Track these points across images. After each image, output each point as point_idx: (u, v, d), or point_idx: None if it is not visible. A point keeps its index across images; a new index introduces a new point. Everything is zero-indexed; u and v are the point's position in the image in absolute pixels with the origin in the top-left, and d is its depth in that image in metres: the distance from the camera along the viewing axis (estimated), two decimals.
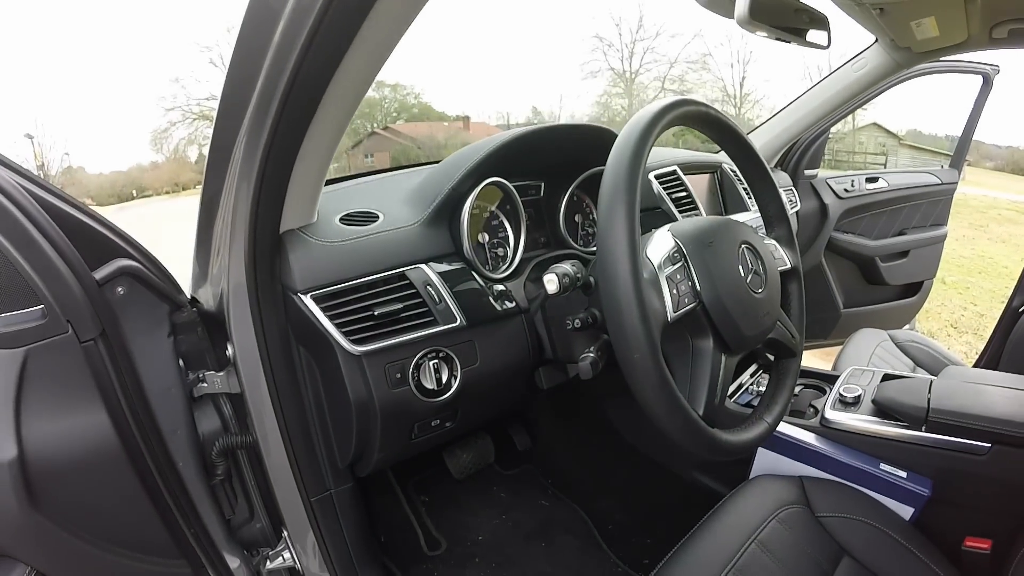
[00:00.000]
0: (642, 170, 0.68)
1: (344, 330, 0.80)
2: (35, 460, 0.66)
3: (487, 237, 1.03)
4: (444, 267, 0.92)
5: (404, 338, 0.84)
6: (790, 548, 0.85)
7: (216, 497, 0.90)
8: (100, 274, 0.71)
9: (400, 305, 0.84)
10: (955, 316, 4.55)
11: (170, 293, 0.80)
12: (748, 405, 1.27)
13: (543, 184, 1.13)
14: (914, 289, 2.37)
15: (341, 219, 0.90)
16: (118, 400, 0.72)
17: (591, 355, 0.73)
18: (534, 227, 1.11)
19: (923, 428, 0.93)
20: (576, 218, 1.19)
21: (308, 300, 0.79)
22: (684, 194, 1.31)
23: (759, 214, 1.38)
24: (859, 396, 1.05)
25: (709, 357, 0.72)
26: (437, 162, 1.12)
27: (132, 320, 0.76)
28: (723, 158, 1.54)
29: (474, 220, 1.00)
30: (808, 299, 2.20)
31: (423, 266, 0.89)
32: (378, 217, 0.92)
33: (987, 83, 2.05)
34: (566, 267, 0.77)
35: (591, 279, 0.78)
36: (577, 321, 0.77)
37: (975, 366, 1.75)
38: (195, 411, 0.86)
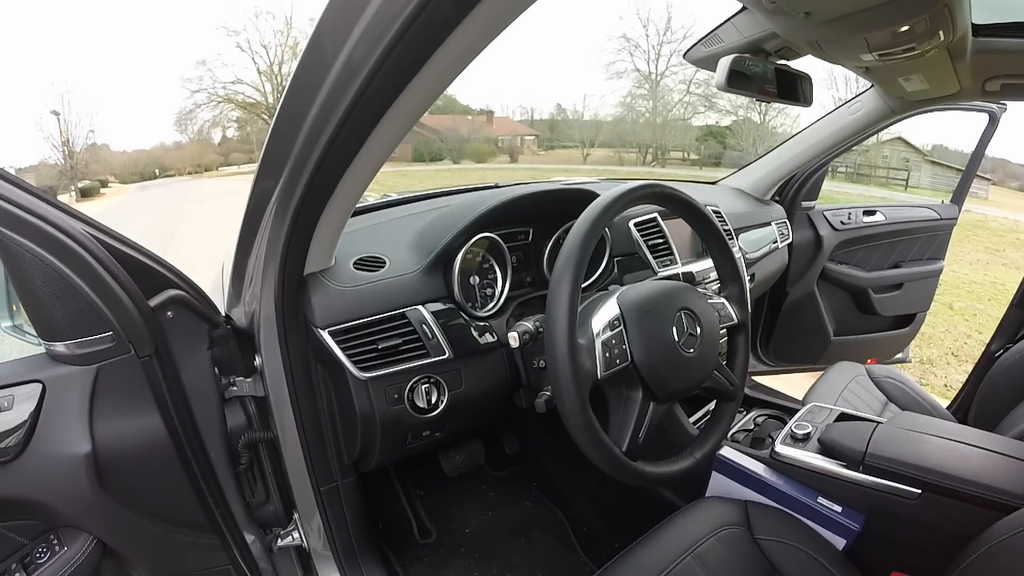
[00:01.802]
0: (590, 250, 0.82)
1: (353, 359, 0.96)
2: (103, 453, 0.81)
3: (477, 279, 1.17)
4: (437, 307, 1.06)
5: (402, 367, 1.01)
6: (725, 564, 0.95)
7: (240, 482, 1.06)
8: (154, 302, 0.86)
9: (399, 340, 1.00)
10: (958, 344, 4.51)
11: (209, 315, 0.96)
12: (732, 438, 1.38)
13: (532, 230, 1.26)
14: (906, 321, 2.42)
15: (354, 264, 1.04)
16: (167, 405, 0.87)
17: (546, 394, 0.88)
18: (522, 268, 1.24)
19: (860, 469, 1.01)
20: None
21: (326, 335, 0.95)
22: (661, 241, 1.38)
23: (740, 255, 1.47)
24: (808, 433, 1.13)
25: (637, 405, 0.87)
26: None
27: (179, 338, 0.91)
28: (709, 200, 1.62)
29: (467, 263, 1.14)
30: (799, 325, 2.29)
31: (420, 307, 1.03)
32: (385, 263, 1.07)
33: (993, 121, 2.07)
34: (527, 324, 0.94)
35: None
36: (541, 362, 0.93)
37: (949, 407, 1.81)
38: (225, 410, 1.02)
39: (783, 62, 1.11)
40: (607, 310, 0.87)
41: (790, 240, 2.11)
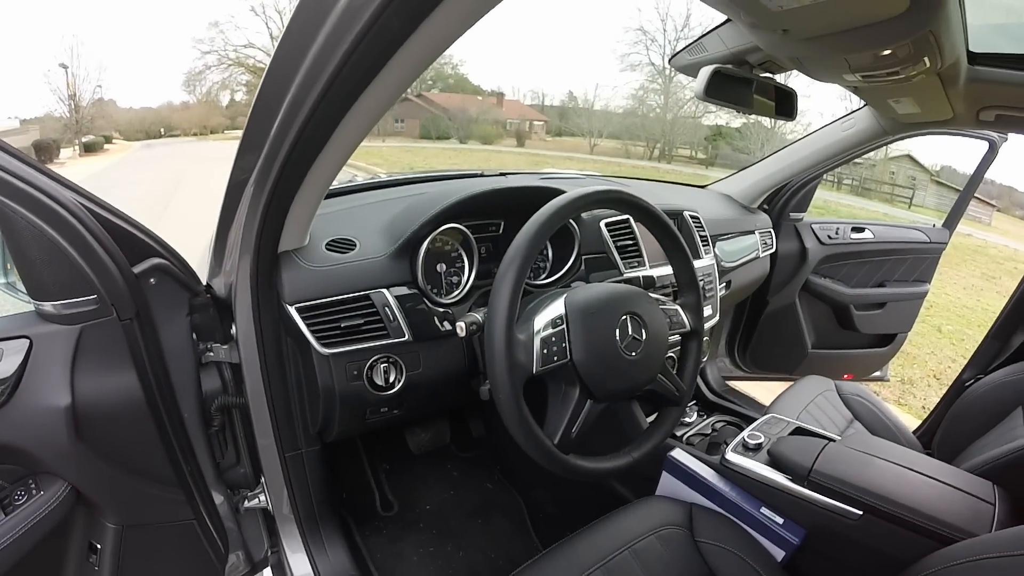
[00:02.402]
0: (537, 249, 0.87)
1: (317, 335, 1.00)
2: (82, 406, 0.86)
3: (444, 267, 1.19)
4: (401, 291, 1.09)
5: (362, 345, 1.04)
6: (661, 562, 0.97)
7: (211, 443, 1.11)
8: (138, 269, 0.91)
9: (361, 320, 1.03)
10: (942, 367, 4.50)
11: (190, 283, 1.01)
12: (688, 440, 1.42)
13: (503, 223, 1.27)
14: (887, 340, 2.41)
15: (327, 245, 1.08)
16: (145, 365, 0.92)
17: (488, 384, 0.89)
18: (491, 259, 1.25)
19: (804, 484, 1.02)
20: None
21: (293, 311, 0.99)
22: (631, 242, 1.38)
23: (713, 261, 1.47)
24: (760, 443, 1.14)
25: (573, 401, 0.90)
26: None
27: (160, 303, 0.96)
28: (687, 205, 1.60)
29: (435, 252, 1.17)
30: (778, 335, 2.30)
31: (384, 290, 1.06)
32: (355, 245, 1.10)
33: (992, 150, 2.05)
34: (476, 315, 1.00)
35: None
36: None
37: (916, 431, 1.83)
38: (202, 374, 1.06)
39: (767, 75, 1.10)
40: (553, 309, 0.90)
41: (773, 250, 2.10)
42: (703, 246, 1.56)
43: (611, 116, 30.15)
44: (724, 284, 1.75)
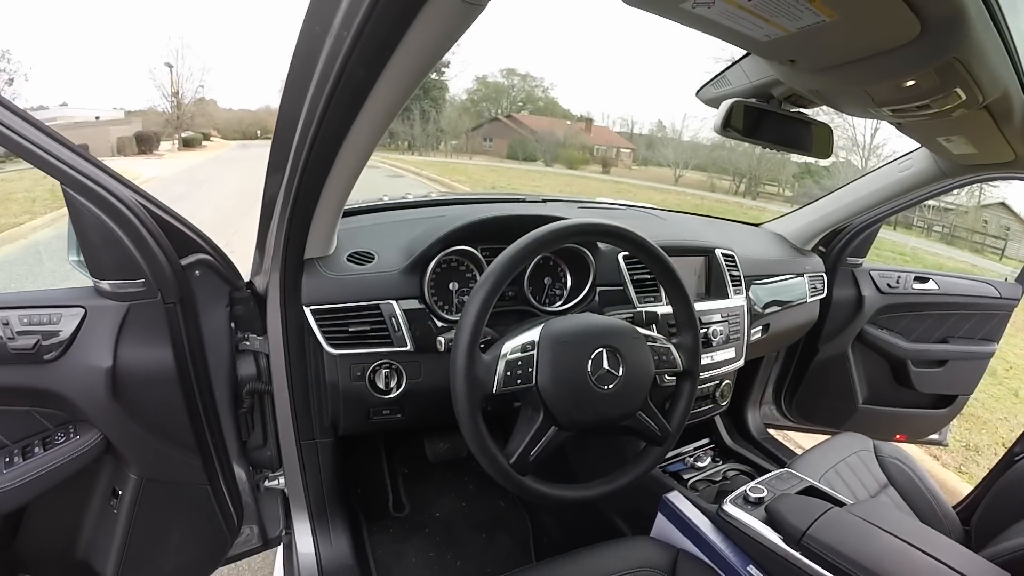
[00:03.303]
0: (510, 274, 0.90)
1: (327, 336, 1.07)
2: (121, 370, 0.97)
3: (457, 286, 1.22)
4: (410, 305, 1.13)
5: (366, 350, 1.10)
6: None
7: (238, 423, 1.22)
8: (185, 262, 1.03)
9: (368, 327, 1.09)
10: (1013, 435, 3.92)
11: (231, 278, 1.11)
12: (676, 475, 1.36)
13: None
14: (946, 401, 2.17)
15: (348, 256, 1.14)
16: (182, 344, 1.03)
17: None
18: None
19: (796, 547, 0.93)
20: (546, 280, 1.32)
21: (308, 311, 1.06)
22: (648, 276, 1.32)
23: (744, 303, 1.40)
24: (763, 498, 1.06)
25: (535, 426, 0.91)
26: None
27: (203, 293, 1.07)
28: (723, 243, 1.53)
29: (449, 270, 1.21)
30: (826, 386, 2.16)
31: (393, 302, 1.11)
32: (374, 258, 1.16)
33: None
34: (452, 334, 0.98)
35: None
36: None
37: (957, 505, 1.63)
38: (239, 360, 1.18)
39: (798, 109, 1.03)
40: (527, 334, 0.93)
41: (823, 295, 1.96)
42: (733, 286, 1.47)
43: (699, 148, 29.40)
44: (760, 328, 1.65)
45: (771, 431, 2.41)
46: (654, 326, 1.17)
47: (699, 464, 1.41)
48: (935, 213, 16.56)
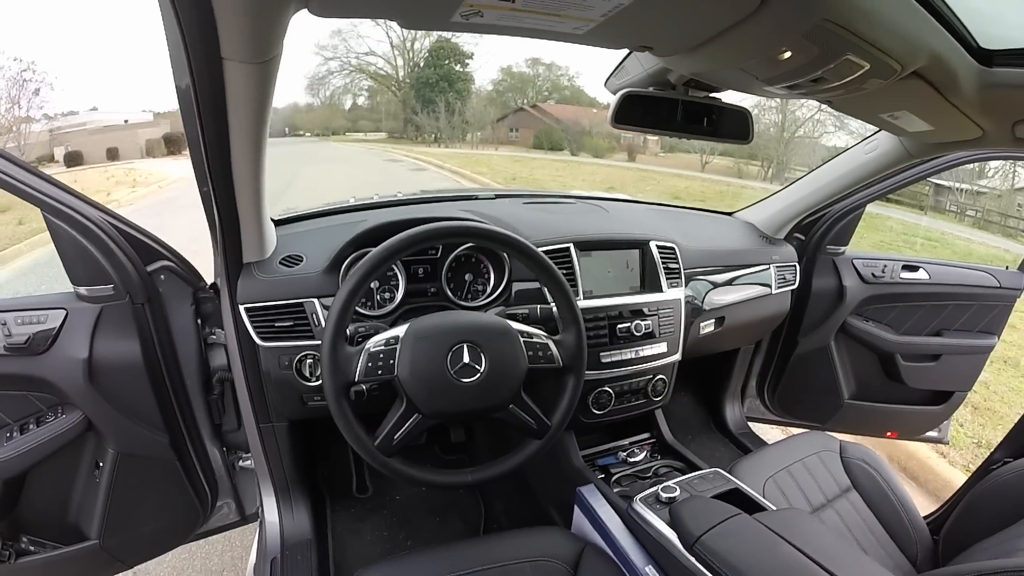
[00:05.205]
0: (373, 276, 0.99)
1: (257, 330, 1.18)
2: (96, 360, 1.15)
3: (377, 284, 1.29)
4: (329, 302, 1.19)
5: (291, 343, 1.19)
6: None
7: (210, 407, 1.38)
8: (151, 268, 1.21)
9: (292, 323, 1.19)
10: None
11: (192, 280, 1.28)
12: (604, 468, 1.37)
13: (441, 246, 1.32)
14: (942, 398, 2.06)
15: (281, 260, 1.24)
16: (149, 338, 1.20)
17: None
18: (428, 279, 1.33)
19: (691, 552, 0.89)
20: (467, 276, 1.35)
21: (242, 309, 1.17)
22: (565, 271, 1.29)
23: (680, 296, 1.36)
24: (674, 498, 1.02)
25: (399, 413, 0.99)
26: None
27: (169, 295, 1.25)
28: (655, 236, 1.47)
29: None
30: (808, 380, 2.09)
31: (315, 300, 1.20)
32: (302, 260, 1.25)
33: None
34: (353, 327, 1.12)
35: None
36: None
37: (929, 514, 1.55)
38: (211, 352, 1.34)
39: (708, 94, 0.97)
40: (395, 330, 1.01)
41: (794, 286, 1.87)
42: (669, 279, 1.42)
43: None
44: (713, 321, 1.59)
45: (763, 424, 2.34)
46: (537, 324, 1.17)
47: (632, 459, 1.37)
48: (968, 197, 15.71)
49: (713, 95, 0.99)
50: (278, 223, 1.37)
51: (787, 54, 0.71)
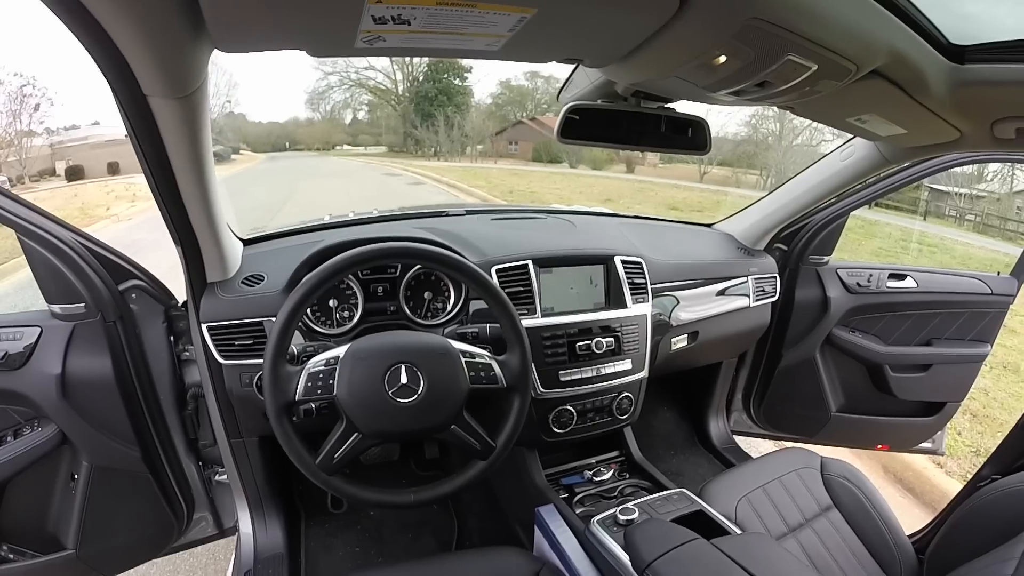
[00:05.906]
0: (313, 296, 1.00)
1: (219, 348, 1.19)
2: (69, 375, 1.17)
3: (336, 302, 1.30)
4: None
5: (251, 361, 1.19)
6: None
7: (184, 423, 1.40)
8: (121, 287, 1.23)
9: (251, 341, 1.19)
10: None
11: (162, 299, 1.30)
12: (569, 487, 1.35)
13: (400, 265, 1.32)
14: (934, 409, 2.01)
15: (243, 280, 1.25)
16: (120, 354, 1.22)
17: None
18: (387, 298, 1.34)
19: None
20: (426, 295, 1.34)
21: (204, 328, 1.19)
22: (523, 289, 1.28)
23: (647, 312, 1.33)
24: (632, 520, 0.99)
25: (339, 432, 0.98)
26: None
27: (142, 313, 1.27)
28: (620, 251, 1.45)
29: (331, 289, 1.29)
30: (794, 393, 2.04)
31: (273, 319, 1.16)
32: (263, 279, 1.26)
33: None
34: (304, 344, 1.13)
35: None
36: None
37: (915, 533, 1.49)
38: (185, 368, 1.36)
39: (661, 105, 0.94)
40: (335, 351, 1.00)
41: (775, 298, 1.84)
42: (635, 295, 1.39)
43: (723, 143, 28.71)
44: (685, 336, 1.55)
45: (753, 439, 2.29)
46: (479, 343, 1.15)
47: (597, 478, 1.33)
48: (967, 201, 15.65)
49: (668, 105, 0.96)
50: (248, 242, 1.37)
51: (722, 58, 0.68)
